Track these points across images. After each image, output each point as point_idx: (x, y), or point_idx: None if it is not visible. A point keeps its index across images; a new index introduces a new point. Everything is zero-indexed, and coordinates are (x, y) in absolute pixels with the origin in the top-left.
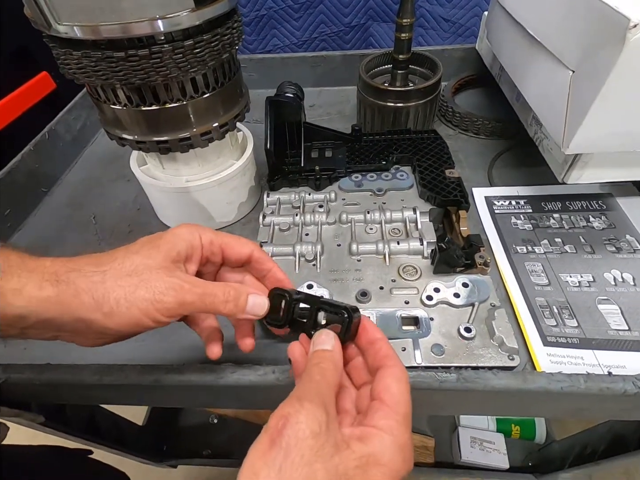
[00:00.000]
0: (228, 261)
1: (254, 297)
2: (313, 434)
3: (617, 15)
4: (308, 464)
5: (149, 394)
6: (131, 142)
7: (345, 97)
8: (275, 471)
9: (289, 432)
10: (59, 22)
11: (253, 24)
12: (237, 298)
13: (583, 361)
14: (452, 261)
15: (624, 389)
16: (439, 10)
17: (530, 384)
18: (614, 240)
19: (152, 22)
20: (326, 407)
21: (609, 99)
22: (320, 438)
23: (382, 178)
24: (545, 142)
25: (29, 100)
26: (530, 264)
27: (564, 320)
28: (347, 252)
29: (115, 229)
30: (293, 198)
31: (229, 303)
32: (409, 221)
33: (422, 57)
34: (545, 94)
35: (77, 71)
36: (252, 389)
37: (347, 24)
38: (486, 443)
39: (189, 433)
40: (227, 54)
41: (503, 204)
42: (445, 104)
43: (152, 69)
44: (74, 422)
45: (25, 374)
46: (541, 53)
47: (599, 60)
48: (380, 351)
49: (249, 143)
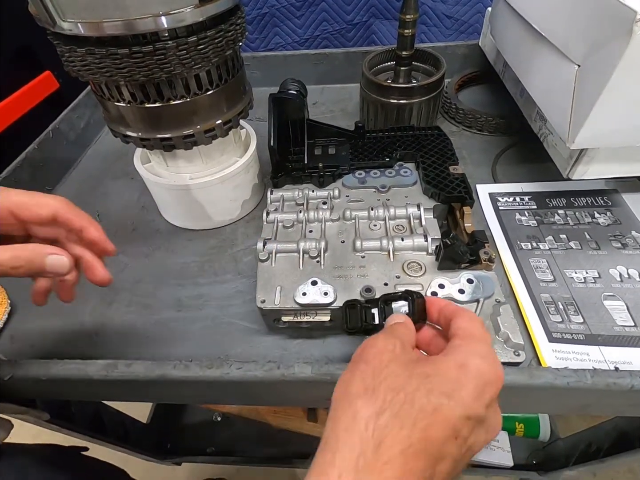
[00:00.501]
0: (28, 223)
1: (52, 258)
2: (389, 351)
3: (623, 8)
4: (387, 366)
5: (155, 390)
6: (135, 139)
7: (348, 94)
8: (360, 379)
9: (368, 350)
10: (63, 19)
11: (255, 22)
12: (31, 261)
13: (589, 357)
14: (457, 257)
15: (631, 384)
16: (441, 7)
17: (536, 379)
18: (620, 236)
19: (155, 19)
20: (401, 339)
21: (615, 93)
22: (396, 353)
23: (385, 175)
24: (550, 137)
25: (32, 100)
26: (535, 260)
27: (569, 316)
28: (351, 249)
29: (119, 227)
30: (296, 195)
31: (21, 268)
32: (413, 217)
33: (425, 54)
34: (550, 88)
35: (82, 68)
36: (258, 385)
37: (350, 22)
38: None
39: (193, 431)
40: (230, 50)
41: (507, 201)
42: (448, 100)
43: (155, 65)
44: (79, 419)
45: (31, 369)
46: (546, 48)
47: (605, 54)
48: (449, 311)
49: (252, 140)
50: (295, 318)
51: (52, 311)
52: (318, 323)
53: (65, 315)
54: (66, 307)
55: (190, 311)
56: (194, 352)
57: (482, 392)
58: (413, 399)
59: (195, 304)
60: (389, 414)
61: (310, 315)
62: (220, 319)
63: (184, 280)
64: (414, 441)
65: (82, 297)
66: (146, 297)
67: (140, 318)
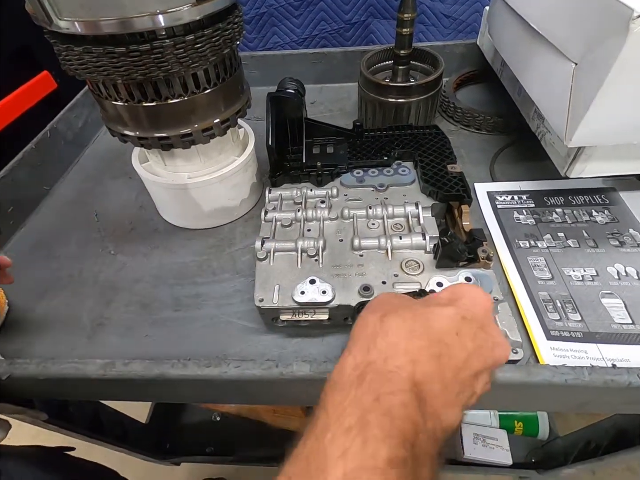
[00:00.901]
0: None
1: None
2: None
3: (620, 5)
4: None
5: (154, 389)
6: (133, 138)
7: (346, 93)
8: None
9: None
10: (60, 18)
11: (253, 21)
12: None
13: (587, 355)
14: (455, 255)
15: (628, 381)
16: (439, 6)
17: (534, 376)
18: (617, 234)
19: (153, 17)
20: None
21: (612, 91)
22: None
23: (384, 173)
24: (548, 136)
25: (30, 100)
26: (533, 259)
27: (567, 314)
28: (350, 247)
29: (118, 227)
30: (295, 194)
31: None
32: (411, 216)
33: (423, 53)
34: (548, 87)
35: (79, 67)
36: (256, 383)
37: (348, 21)
38: (489, 439)
39: (192, 431)
40: (228, 49)
41: (505, 199)
42: (446, 99)
43: (153, 64)
44: (77, 419)
45: (29, 369)
46: (543, 46)
47: (602, 52)
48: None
49: (251, 139)
50: (294, 317)
51: (50, 311)
52: (316, 322)
53: (64, 315)
54: (64, 307)
55: (189, 310)
56: (193, 351)
57: (474, 303)
58: (411, 307)
59: (194, 303)
60: (392, 315)
61: (309, 314)
62: (219, 318)
63: (183, 280)
64: (416, 327)
65: (80, 297)
66: (145, 297)
67: (138, 317)
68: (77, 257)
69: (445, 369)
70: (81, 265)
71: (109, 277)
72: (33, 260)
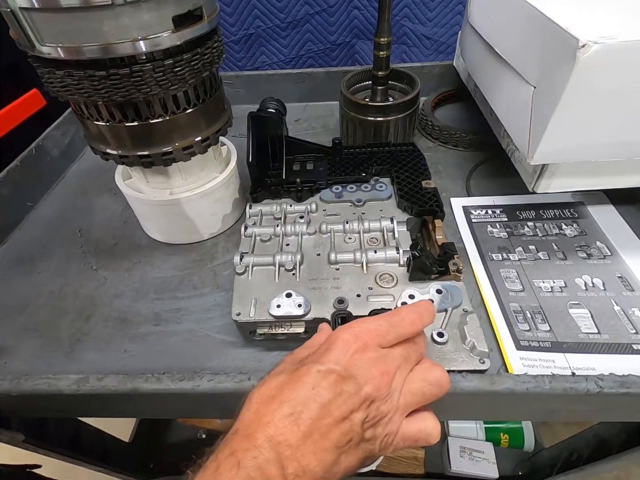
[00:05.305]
0: None
1: None
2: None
3: (567, 35)
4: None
5: (129, 404)
6: (115, 156)
7: (329, 111)
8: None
9: None
10: (42, 44)
11: (242, 42)
12: None
13: (554, 364)
14: (426, 268)
15: (586, 388)
16: (420, 29)
17: (497, 385)
18: (585, 246)
19: (133, 43)
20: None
21: (566, 113)
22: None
23: (361, 189)
24: (517, 153)
25: (20, 117)
26: (505, 271)
27: (536, 324)
28: (327, 262)
29: (100, 242)
30: (275, 209)
31: None
32: (387, 230)
33: (401, 74)
34: (512, 108)
35: (61, 89)
36: (229, 397)
37: (334, 42)
38: (475, 452)
39: (177, 449)
40: (207, 72)
41: (480, 213)
42: (425, 117)
43: (133, 86)
44: (56, 438)
45: (2, 385)
46: (507, 70)
47: (555, 77)
48: None
49: (233, 156)
50: (271, 330)
51: (27, 326)
52: (293, 335)
53: (42, 330)
54: (42, 322)
55: (168, 325)
56: (171, 366)
57: (345, 349)
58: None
59: (173, 317)
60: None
61: (285, 327)
62: (198, 332)
63: (163, 294)
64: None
65: (59, 312)
66: (124, 312)
67: (117, 332)
68: (59, 272)
69: (299, 423)
70: (62, 281)
71: (90, 292)
72: (14, 275)
